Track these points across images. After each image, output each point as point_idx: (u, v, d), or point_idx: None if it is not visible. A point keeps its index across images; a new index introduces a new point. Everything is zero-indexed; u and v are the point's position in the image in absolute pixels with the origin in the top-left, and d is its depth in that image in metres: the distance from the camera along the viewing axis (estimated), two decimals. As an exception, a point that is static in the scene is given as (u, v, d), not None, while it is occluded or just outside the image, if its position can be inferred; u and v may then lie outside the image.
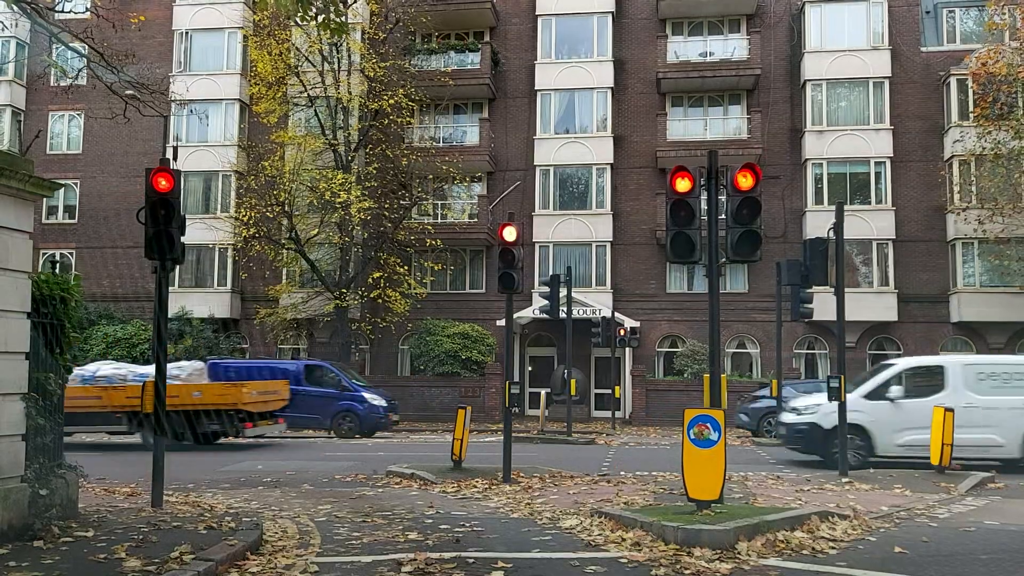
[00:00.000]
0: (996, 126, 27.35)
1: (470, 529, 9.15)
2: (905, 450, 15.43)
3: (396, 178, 30.93)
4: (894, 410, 15.62)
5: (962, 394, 15.37)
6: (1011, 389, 15.06)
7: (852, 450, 15.00)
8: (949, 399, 14.76)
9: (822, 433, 15.94)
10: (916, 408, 15.20)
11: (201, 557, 7.13)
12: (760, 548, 7.93)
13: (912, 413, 15.25)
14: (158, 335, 10.48)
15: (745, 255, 9.96)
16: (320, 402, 24.17)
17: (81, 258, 34.04)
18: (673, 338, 31.76)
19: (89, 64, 16.58)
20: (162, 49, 33.64)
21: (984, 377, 15.51)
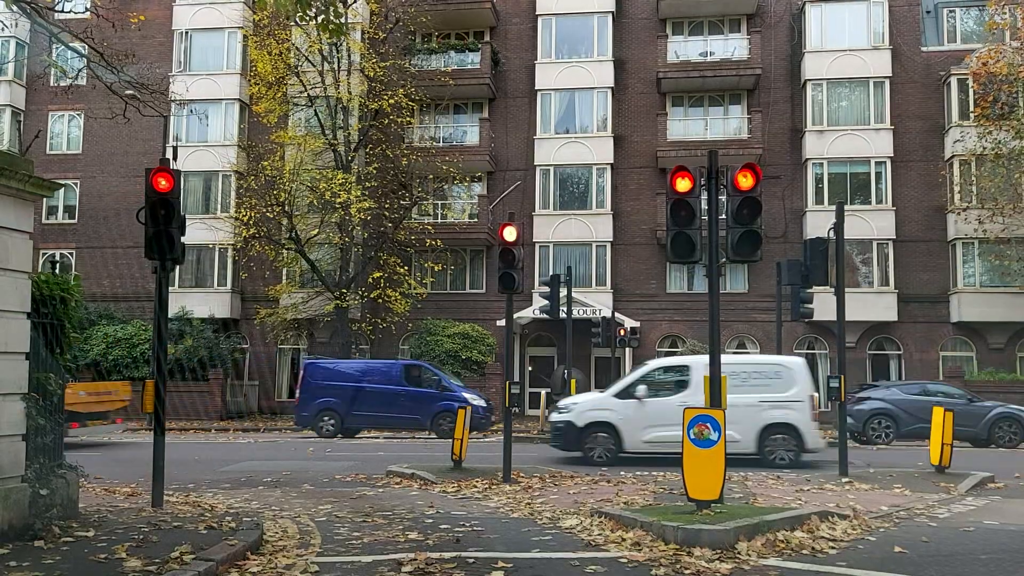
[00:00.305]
0: (997, 126, 27.35)
1: (470, 529, 9.15)
2: (651, 446, 16.22)
3: (396, 178, 30.92)
4: (641, 408, 16.34)
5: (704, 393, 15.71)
6: (749, 388, 15.65)
7: (602, 447, 16.33)
8: (691, 398, 15.15)
9: (576, 431, 16.68)
10: (661, 406, 15.97)
11: (201, 557, 7.14)
12: (760, 548, 7.94)
13: (657, 411, 16.00)
14: (158, 335, 10.49)
15: (745, 255, 9.96)
16: (419, 403, 23.92)
17: (81, 258, 34.04)
18: (673, 338, 31.75)
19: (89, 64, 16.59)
20: (162, 49, 33.63)
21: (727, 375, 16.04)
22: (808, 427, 16.07)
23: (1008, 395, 26.73)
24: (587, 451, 16.47)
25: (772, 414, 16.01)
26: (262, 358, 32.94)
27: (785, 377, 16.45)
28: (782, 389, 16.22)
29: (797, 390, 16.26)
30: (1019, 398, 26.51)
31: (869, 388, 23.99)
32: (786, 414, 16.05)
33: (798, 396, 16.17)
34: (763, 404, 15.91)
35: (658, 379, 16.95)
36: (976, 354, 29.94)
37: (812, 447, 16.21)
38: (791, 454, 16.03)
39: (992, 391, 26.92)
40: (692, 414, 9.23)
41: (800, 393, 16.22)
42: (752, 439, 15.86)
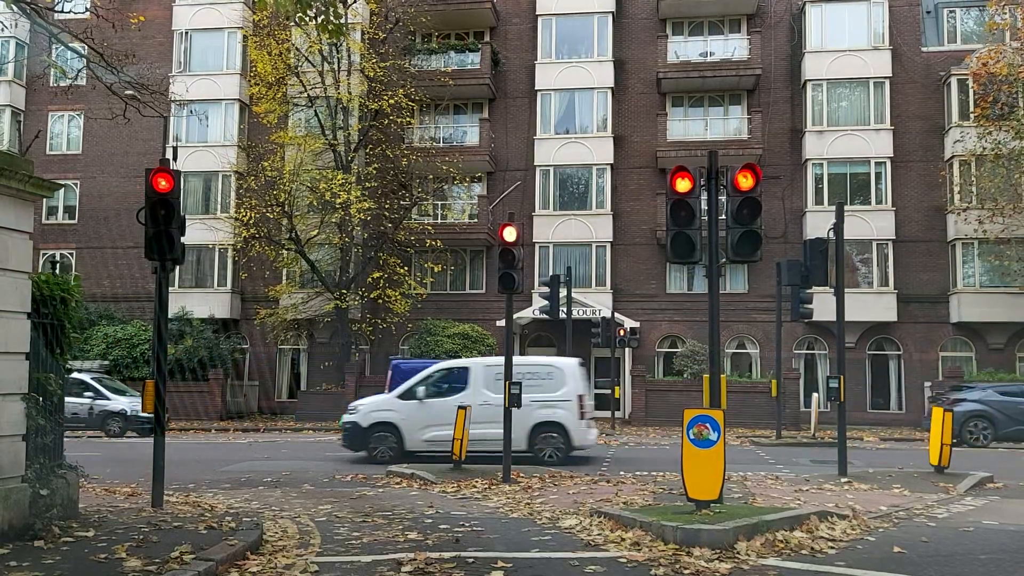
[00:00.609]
0: (997, 126, 27.36)
1: (470, 529, 9.16)
2: (429, 445, 16.69)
3: (396, 178, 30.93)
4: (421, 409, 16.88)
5: (480, 393, 16.71)
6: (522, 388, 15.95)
7: (385, 446, 16.78)
8: (468, 398, 16.18)
9: (362, 431, 17.16)
10: (440, 407, 16.53)
11: (201, 557, 7.14)
12: (759, 548, 7.94)
13: (436, 411, 16.56)
14: (158, 335, 10.49)
15: (745, 255, 9.97)
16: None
17: (81, 258, 34.04)
18: (673, 338, 31.76)
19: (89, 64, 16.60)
20: (162, 49, 33.64)
21: (500, 377, 16.38)
22: (575, 425, 16.58)
23: (1008, 395, 26.77)
24: (371, 450, 16.92)
25: (542, 413, 16.49)
26: (262, 358, 32.95)
27: (556, 378, 16.91)
28: (553, 389, 16.70)
29: (566, 390, 16.71)
30: (1019, 398, 26.54)
31: (964, 389, 23.69)
32: (555, 413, 16.55)
33: (567, 396, 16.64)
34: (534, 404, 16.23)
35: (439, 381, 17.50)
36: (976, 354, 29.94)
37: (579, 444, 16.71)
38: (559, 452, 16.54)
39: (992, 391, 26.95)
40: (692, 414, 9.23)
41: (569, 393, 16.68)
42: (523, 437, 16.24)
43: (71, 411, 24.27)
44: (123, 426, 24.84)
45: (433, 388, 17.27)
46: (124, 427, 24.83)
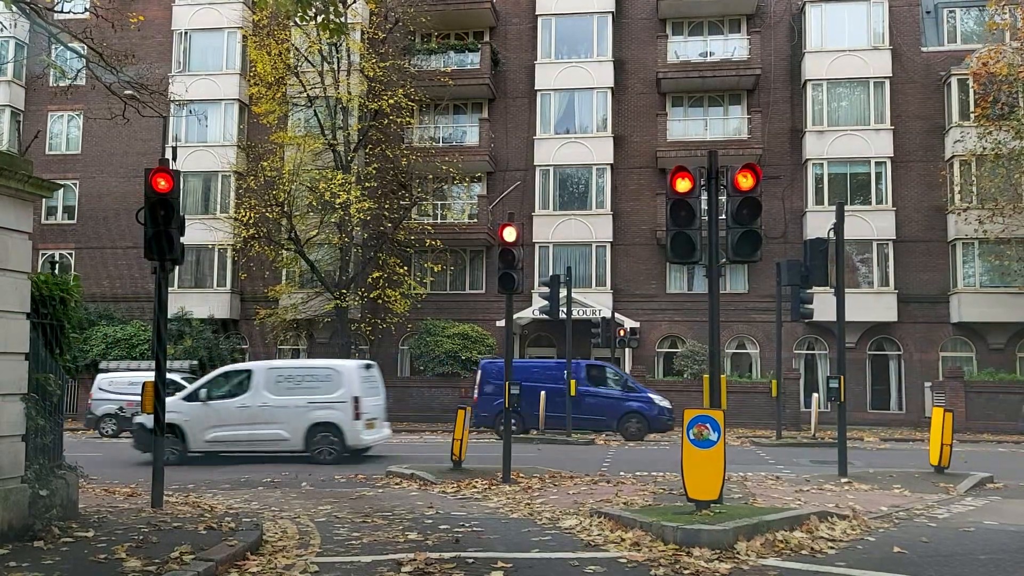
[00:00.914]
0: (997, 126, 27.35)
1: (470, 529, 9.15)
2: (211, 445, 17.21)
3: (396, 178, 30.93)
4: (205, 410, 17.25)
5: (261, 395, 17.30)
6: (300, 390, 16.79)
7: (169, 447, 16.27)
8: (250, 399, 17.00)
9: (147, 432, 17.13)
10: (222, 408, 17.17)
11: (201, 557, 7.14)
12: (759, 548, 7.94)
13: (219, 413, 17.12)
14: (158, 335, 10.48)
15: (745, 255, 9.96)
16: (606, 403, 23.74)
17: (80, 258, 34.03)
18: (673, 338, 31.76)
19: (88, 64, 16.59)
20: (161, 49, 33.63)
21: (281, 379, 17.28)
22: (350, 426, 16.97)
23: (1008, 396, 26.80)
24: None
25: (318, 414, 16.96)
26: (262, 358, 32.89)
27: (334, 380, 17.32)
28: (329, 391, 17.13)
29: (342, 392, 17.09)
30: (1019, 399, 26.58)
31: None
32: (330, 414, 16.97)
33: (342, 398, 17.03)
34: (311, 405, 16.93)
35: (223, 383, 17.84)
36: (976, 354, 29.94)
37: (353, 444, 17.12)
38: (334, 451, 16.94)
39: (992, 392, 26.99)
40: (692, 414, 9.22)
41: (344, 395, 17.07)
42: (300, 437, 16.80)
43: None
44: None
45: (216, 390, 17.61)
46: None
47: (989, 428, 25.84)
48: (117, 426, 24.67)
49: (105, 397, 24.84)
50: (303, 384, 17.14)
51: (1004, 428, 25.79)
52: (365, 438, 17.27)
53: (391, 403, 29.60)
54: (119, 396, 24.50)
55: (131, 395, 24.14)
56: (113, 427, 24.81)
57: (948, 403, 24.77)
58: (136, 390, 24.44)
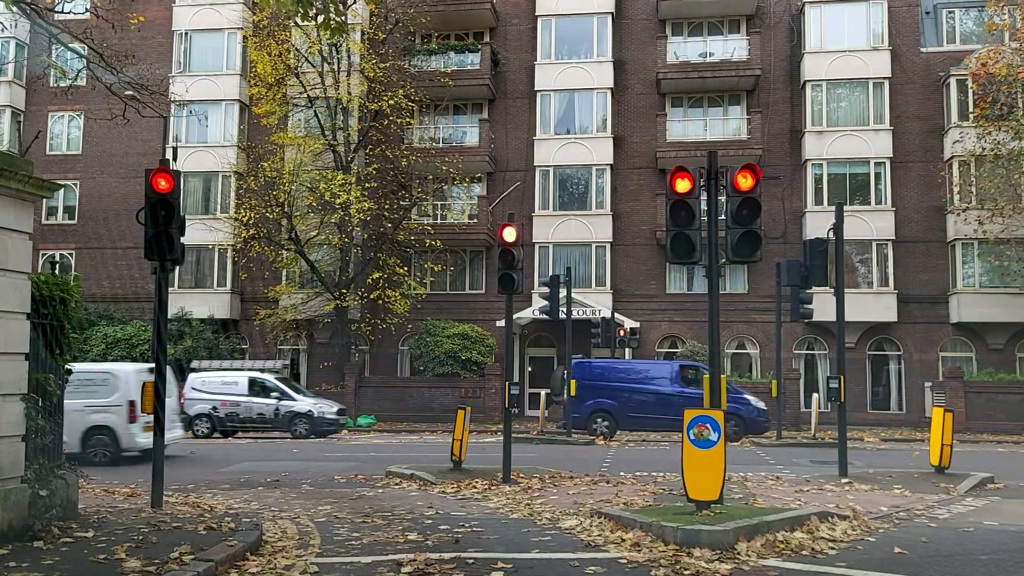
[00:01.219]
0: (996, 127, 27.35)
1: (470, 530, 9.15)
2: None
3: (396, 179, 30.94)
4: None
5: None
6: (79, 394, 16.60)
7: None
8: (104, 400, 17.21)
9: None
10: None
11: (201, 558, 7.14)
12: (760, 549, 7.94)
13: None
14: (158, 336, 10.49)
15: (745, 256, 9.97)
16: (700, 404, 23.57)
17: (81, 259, 34.03)
18: (673, 339, 31.76)
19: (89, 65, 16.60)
20: (162, 50, 33.64)
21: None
22: (124, 429, 17.25)
23: (1007, 396, 26.81)
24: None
25: (94, 418, 17.12)
26: (262, 359, 32.90)
27: (111, 384, 17.53)
28: (106, 395, 17.35)
29: (118, 396, 17.34)
30: (1018, 399, 26.60)
31: None
32: (106, 417, 17.21)
33: (118, 401, 17.27)
34: (87, 409, 16.86)
35: None
36: (975, 354, 29.94)
37: (127, 447, 17.33)
38: (108, 453, 17.21)
39: (991, 392, 26.99)
40: (692, 415, 9.22)
41: (120, 399, 17.30)
42: (77, 440, 16.64)
43: (258, 412, 24.46)
44: (309, 428, 24.15)
45: None
46: (310, 429, 24.13)
47: (989, 428, 25.84)
48: (211, 425, 24.49)
49: (199, 397, 24.44)
50: (81, 388, 16.73)
51: (1004, 428, 25.79)
52: (140, 441, 17.20)
53: (391, 404, 29.95)
54: (212, 396, 24.36)
55: (225, 395, 24.36)
56: (207, 427, 24.49)
57: (948, 403, 24.76)
58: (230, 389, 24.37)
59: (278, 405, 24.51)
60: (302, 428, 24.21)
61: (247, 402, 24.56)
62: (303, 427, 24.23)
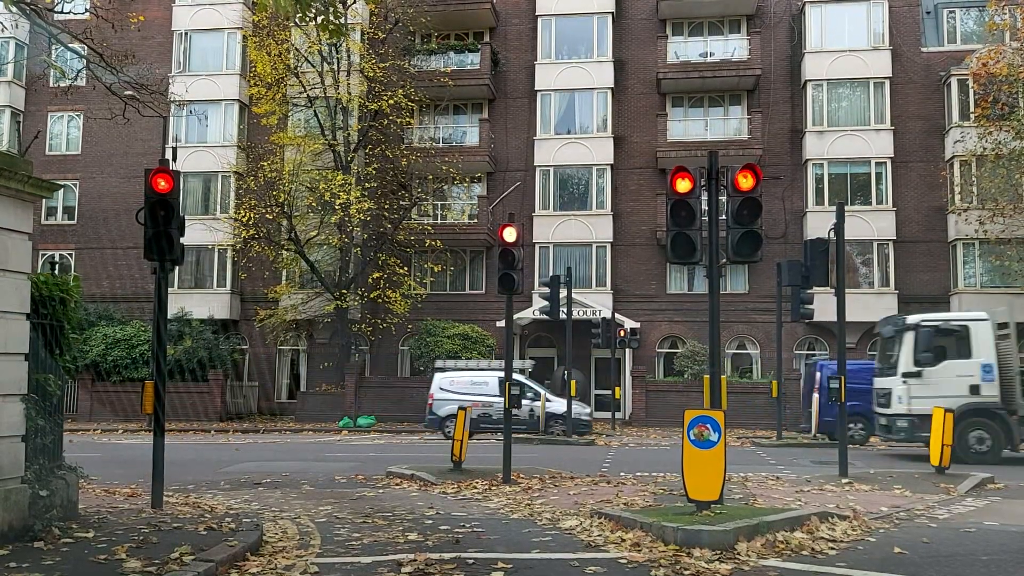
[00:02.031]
0: (997, 126, 27.33)
1: (470, 530, 9.14)
2: None
3: (396, 179, 30.95)
4: None
5: None
6: None
7: None
8: None
9: None
10: None
11: (201, 558, 7.13)
12: (760, 549, 7.93)
13: None
14: (157, 336, 10.48)
15: (745, 256, 9.96)
16: None
17: (80, 259, 34.03)
18: (673, 339, 31.75)
19: (88, 65, 16.59)
20: (161, 50, 33.65)
21: None
22: None
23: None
24: None
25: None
26: (262, 359, 32.95)
27: None
28: None
29: None
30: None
31: None
32: None
33: None
34: None
35: None
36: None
37: None
38: None
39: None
40: (692, 415, 9.21)
41: None
42: None
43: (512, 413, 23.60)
44: (566, 429, 23.09)
45: None
46: (567, 430, 23.05)
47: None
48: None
49: (448, 398, 23.36)
50: None
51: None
52: None
53: (391, 404, 29.93)
54: (461, 396, 22.69)
55: (475, 395, 23.09)
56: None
57: (948, 403, 24.63)
58: (480, 390, 23.45)
59: (532, 407, 23.44)
60: (558, 429, 23.24)
61: (500, 403, 23.71)
62: (559, 428, 23.25)
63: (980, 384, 17.47)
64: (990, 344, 17.60)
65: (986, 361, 17.51)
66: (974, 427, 17.39)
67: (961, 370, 17.61)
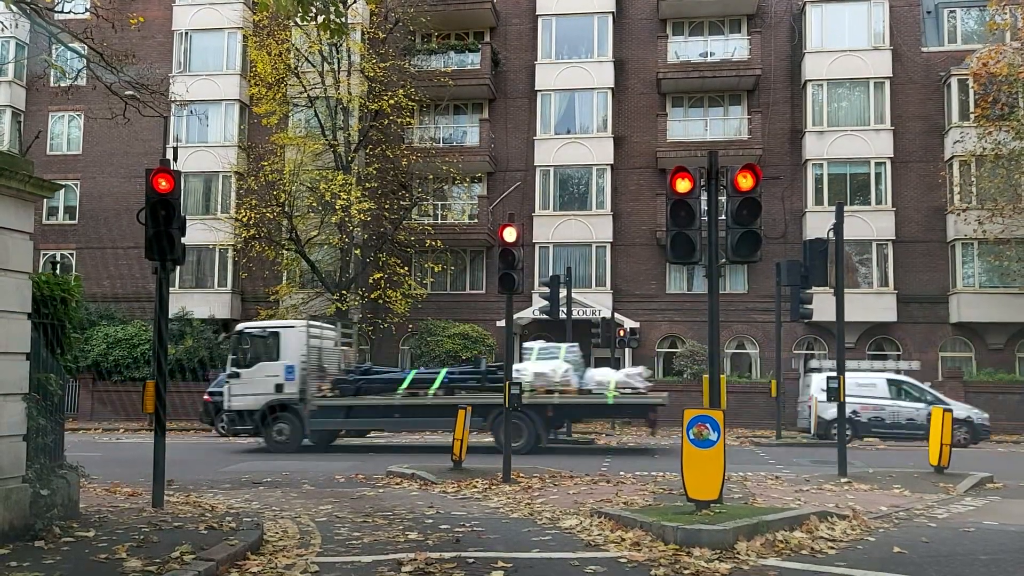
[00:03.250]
0: (997, 127, 27.35)
1: (470, 529, 9.16)
2: None
3: (396, 179, 30.94)
4: None
5: None
6: None
7: None
8: None
9: None
10: None
11: (202, 557, 7.15)
12: (759, 548, 7.95)
13: None
14: (159, 336, 10.50)
15: (745, 256, 9.98)
16: None
17: (81, 259, 34.03)
18: (673, 339, 31.76)
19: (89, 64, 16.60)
20: (162, 49, 33.65)
21: None
22: None
23: (1007, 396, 26.80)
24: None
25: None
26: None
27: None
28: None
29: None
30: (1018, 399, 26.59)
31: None
32: None
33: None
34: None
35: None
36: (975, 354, 29.94)
37: None
38: None
39: (991, 392, 26.99)
40: (692, 414, 9.23)
41: None
42: None
43: (906, 417, 22.43)
44: (970, 436, 22.25)
45: None
46: (971, 437, 22.27)
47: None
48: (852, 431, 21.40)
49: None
50: None
51: (1004, 428, 25.75)
52: None
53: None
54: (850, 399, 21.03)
55: (864, 398, 22.36)
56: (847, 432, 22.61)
57: (948, 403, 24.72)
58: (868, 392, 22.48)
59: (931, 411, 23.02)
60: (960, 436, 21.48)
61: (892, 406, 22.68)
62: (962, 434, 21.65)
63: (283, 383, 19.70)
64: (298, 348, 19.71)
65: (290, 363, 19.71)
66: (278, 420, 19.72)
67: (270, 371, 19.87)
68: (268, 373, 19.80)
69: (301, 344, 19.77)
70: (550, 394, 19.03)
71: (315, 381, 19.98)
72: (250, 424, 19.91)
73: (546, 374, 19.17)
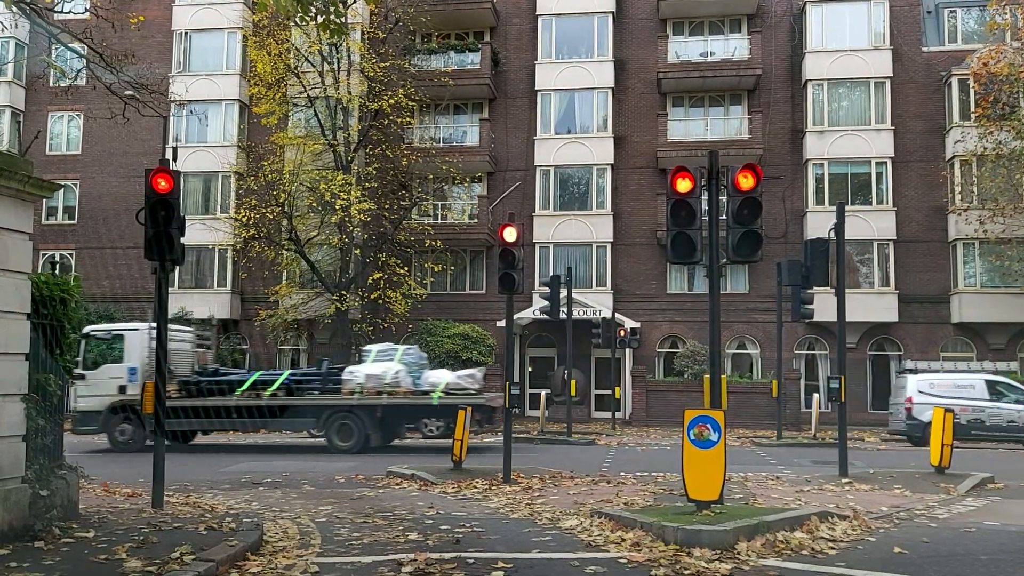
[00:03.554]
0: (997, 126, 27.34)
1: (470, 530, 9.15)
2: None
3: (396, 178, 30.93)
4: None
5: None
6: None
7: None
8: None
9: None
10: None
11: (202, 558, 7.14)
12: (760, 548, 7.94)
13: None
14: (158, 336, 10.48)
15: (746, 256, 9.96)
16: None
17: (81, 259, 34.03)
18: (673, 339, 31.74)
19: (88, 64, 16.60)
20: (161, 49, 33.64)
21: None
22: None
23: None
24: None
25: None
26: (262, 359, 32.90)
27: None
28: None
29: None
30: (1019, 398, 26.49)
31: None
32: None
33: None
34: None
35: None
36: (976, 354, 29.88)
37: None
38: None
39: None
40: (692, 415, 9.21)
41: None
42: None
43: (1008, 419, 21.78)
44: None
45: None
46: None
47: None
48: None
49: (930, 401, 21.04)
50: None
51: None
52: None
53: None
54: (946, 400, 20.26)
55: (962, 399, 21.72)
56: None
57: (948, 403, 24.65)
58: (966, 393, 22.08)
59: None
60: None
61: (992, 408, 22.11)
62: None
63: (127, 384, 19.80)
64: (140, 350, 19.70)
65: (133, 365, 19.88)
66: (122, 421, 19.93)
67: (114, 373, 20.12)
68: (112, 375, 20.06)
69: (145, 346, 19.57)
70: (380, 395, 19.27)
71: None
72: (95, 424, 20.07)
73: (378, 375, 19.43)
